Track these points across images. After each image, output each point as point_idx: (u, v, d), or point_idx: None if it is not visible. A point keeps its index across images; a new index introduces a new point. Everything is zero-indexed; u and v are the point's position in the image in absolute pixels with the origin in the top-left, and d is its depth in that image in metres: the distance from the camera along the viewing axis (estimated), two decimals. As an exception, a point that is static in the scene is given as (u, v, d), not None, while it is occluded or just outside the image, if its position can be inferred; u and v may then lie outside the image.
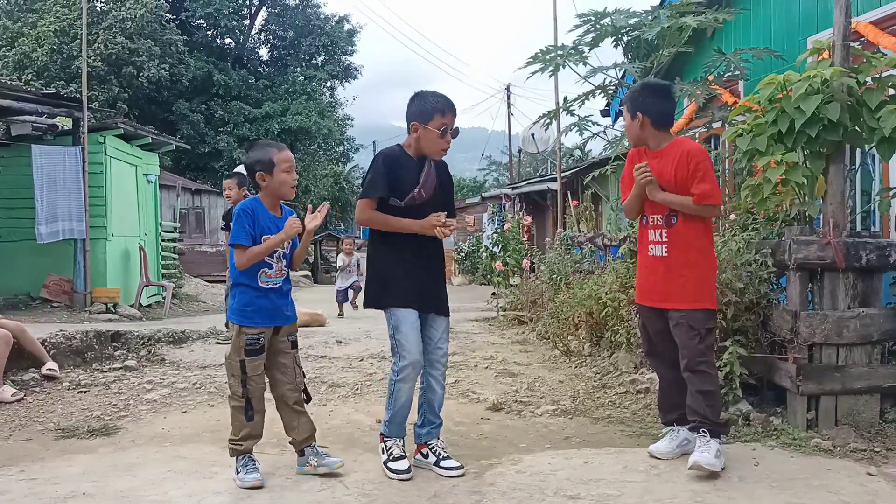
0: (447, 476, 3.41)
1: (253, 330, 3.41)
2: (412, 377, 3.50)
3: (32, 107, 9.50)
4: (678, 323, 3.55)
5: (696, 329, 3.50)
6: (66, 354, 6.11)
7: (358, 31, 32.67)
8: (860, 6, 5.48)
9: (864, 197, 5.46)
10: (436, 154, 3.59)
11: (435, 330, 3.61)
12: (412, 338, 3.48)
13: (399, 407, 3.54)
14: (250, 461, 3.41)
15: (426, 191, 3.54)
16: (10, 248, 10.50)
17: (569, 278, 7.82)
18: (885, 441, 3.75)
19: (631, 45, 6.40)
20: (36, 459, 3.81)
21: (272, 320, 3.47)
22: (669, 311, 3.58)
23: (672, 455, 3.62)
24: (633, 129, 3.71)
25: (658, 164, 3.62)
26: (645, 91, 3.74)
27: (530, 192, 19.54)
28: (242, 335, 3.41)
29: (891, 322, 3.96)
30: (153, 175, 13.14)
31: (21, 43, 22.86)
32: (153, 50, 24.10)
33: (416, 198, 3.52)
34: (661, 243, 3.62)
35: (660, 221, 3.64)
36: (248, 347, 3.40)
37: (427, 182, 3.55)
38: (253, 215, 3.44)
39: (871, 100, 3.85)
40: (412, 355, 3.46)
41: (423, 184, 3.54)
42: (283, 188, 3.48)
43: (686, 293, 3.52)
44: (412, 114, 3.56)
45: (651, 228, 3.68)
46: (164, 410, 4.85)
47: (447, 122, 3.52)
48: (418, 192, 3.52)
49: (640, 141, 3.73)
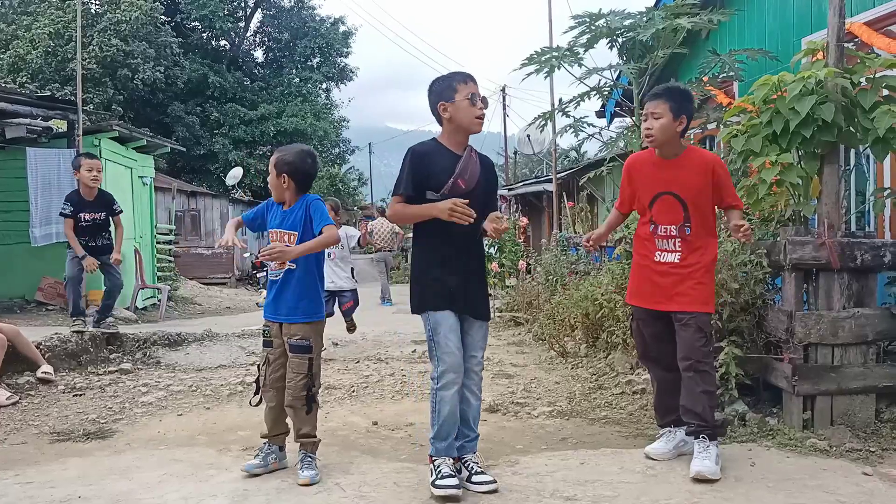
0: (477, 491, 3.20)
1: (264, 322, 3.61)
2: (454, 383, 3.23)
3: (27, 109, 9.47)
4: (686, 324, 3.52)
5: (704, 331, 3.51)
6: (62, 358, 6.08)
7: (353, 32, 32.68)
8: (854, 7, 5.50)
9: (859, 197, 5.48)
10: (474, 125, 3.35)
11: (470, 336, 3.36)
12: (452, 340, 3.24)
13: (444, 419, 3.23)
14: (260, 450, 3.56)
15: (464, 181, 3.30)
16: (4, 251, 10.46)
17: (565, 279, 7.83)
18: (881, 441, 3.76)
19: (626, 47, 6.41)
20: (31, 463, 3.80)
21: (273, 314, 3.56)
22: (676, 313, 3.55)
23: (669, 456, 3.62)
24: (670, 130, 3.56)
25: (676, 174, 3.58)
26: (688, 96, 3.68)
27: (526, 194, 19.56)
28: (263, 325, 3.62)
29: (886, 322, 3.97)
30: (148, 177, 13.11)
31: (15, 45, 22.81)
32: (148, 52, 24.05)
33: (453, 189, 3.27)
34: (674, 251, 3.59)
35: (674, 232, 3.59)
36: (262, 337, 3.61)
37: (465, 172, 3.32)
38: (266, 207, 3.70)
39: (865, 100, 3.87)
40: (453, 358, 3.23)
41: (460, 173, 3.30)
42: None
43: (697, 296, 3.52)
44: (434, 98, 3.36)
45: (661, 238, 3.63)
46: (159, 413, 4.83)
47: (472, 89, 3.32)
48: (454, 183, 3.28)
49: (663, 143, 3.59)
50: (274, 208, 3.66)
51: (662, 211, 3.61)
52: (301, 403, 3.46)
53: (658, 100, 3.60)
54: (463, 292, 3.32)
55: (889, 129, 3.77)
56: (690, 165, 3.57)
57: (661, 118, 3.56)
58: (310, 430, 3.51)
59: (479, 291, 3.43)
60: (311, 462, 3.46)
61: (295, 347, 3.48)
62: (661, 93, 3.65)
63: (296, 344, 3.48)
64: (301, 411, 3.47)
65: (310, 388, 3.48)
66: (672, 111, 3.54)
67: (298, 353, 3.47)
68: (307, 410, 3.48)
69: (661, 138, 3.59)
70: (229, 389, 5.46)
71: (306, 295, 3.52)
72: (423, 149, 3.39)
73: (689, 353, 3.52)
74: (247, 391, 5.42)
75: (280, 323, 3.53)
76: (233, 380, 5.78)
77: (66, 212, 6.63)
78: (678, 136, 3.61)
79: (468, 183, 3.32)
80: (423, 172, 3.32)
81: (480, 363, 3.42)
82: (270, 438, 3.57)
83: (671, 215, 3.58)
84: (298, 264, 3.51)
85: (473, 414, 3.41)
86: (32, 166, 9.77)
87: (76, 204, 6.65)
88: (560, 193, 12.34)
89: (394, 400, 5.09)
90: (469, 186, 3.32)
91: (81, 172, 6.64)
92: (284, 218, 3.57)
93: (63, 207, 6.67)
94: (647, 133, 3.63)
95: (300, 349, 3.47)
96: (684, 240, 3.57)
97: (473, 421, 3.42)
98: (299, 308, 3.50)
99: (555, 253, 9.00)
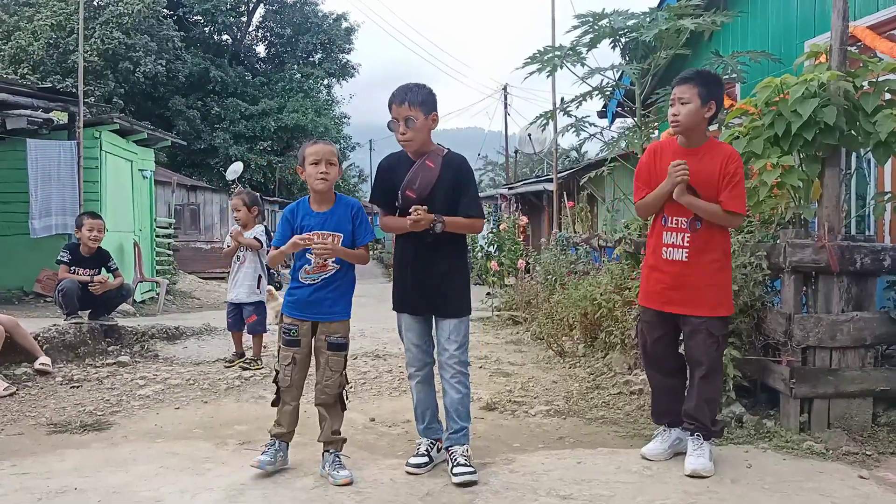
0: (453, 483, 3.28)
1: (287, 320, 3.52)
2: (414, 376, 3.60)
3: (28, 101, 9.47)
4: (696, 329, 3.45)
5: (715, 336, 3.44)
6: (59, 349, 6.09)
7: (356, 29, 32.70)
8: (858, 10, 5.49)
9: (860, 201, 5.48)
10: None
11: (440, 331, 3.52)
12: (408, 339, 3.60)
13: (415, 405, 3.63)
14: (270, 447, 3.47)
15: (413, 191, 3.41)
16: (3, 243, 10.46)
17: (564, 279, 7.83)
18: (878, 445, 3.76)
19: (629, 47, 6.41)
20: (28, 454, 3.80)
21: (305, 313, 3.49)
22: (687, 318, 3.48)
23: (664, 456, 3.61)
24: (697, 116, 3.41)
25: (696, 163, 3.41)
26: (719, 82, 3.50)
27: (526, 193, 19.55)
28: (283, 323, 3.55)
29: (884, 326, 3.97)
30: (149, 171, 13.12)
31: (17, 37, 22.79)
32: (150, 45, 24.06)
33: (404, 199, 3.43)
34: (682, 247, 3.47)
35: (683, 225, 3.47)
36: (283, 336, 3.53)
37: (412, 182, 3.42)
38: (291, 215, 3.56)
39: (867, 104, 3.86)
40: (410, 354, 3.61)
41: (407, 184, 3.42)
42: (310, 181, 3.47)
43: (707, 300, 3.43)
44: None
45: (670, 231, 3.51)
46: (156, 406, 4.83)
47: (392, 115, 3.43)
48: (403, 193, 3.43)
49: (689, 129, 3.45)
50: (302, 214, 3.54)
51: (674, 202, 3.47)
52: (335, 400, 3.51)
53: (687, 84, 3.44)
54: (424, 293, 3.48)
55: (891, 133, 3.77)
56: (709, 158, 3.43)
57: (689, 103, 3.42)
58: (339, 427, 3.53)
59: (445, 291, 3.48)
60: (342, 462, 3.44)
61: (334, 345, 3.50)
62: (691, 76, 3.48)
63: (336, 342, 3.51)
64: (336, 408, 3.51)
65: (345, 385, 3.54)
66: (700, 96, 3.40)
67: (337, 350, 3.51)
68: (342, 407, 3.54)
69: (688, 124, 3.44)
70: (227, 384, 5.46)
71: (348, 292, 3.58)
72: (387, 162, 3.61)
73: (699, 358, 3.47)
74: (244, 386, 5.43)
75: (313, 322, 3.50)
76: (230, 374, 5.78)
77: (64, 259, 6.66)
78: (705, 124, 3.47)
79: (419, 191, 3.41)
80: (385, 185, 3.54)
81: (454, 356, 3.48)
82: (282, 436, 3.52)
83: (683, 208, 3.45)
84: (342, 263, 3.52)
85: (455, 406, 3.48)
86: (33, 158, 9.77)
87: (73, 256, 6.69)
88: (560, 193, 12.33)
89: (391, 397, 5.09)
90: (421, 194, 3.41)
91: (83, 231, 6.69)
92: (325, 220, 3.50)
93: (61, 255, 6.70)
94: (673, 119, 3.48)
95: (339, 347, 3.52)
96: (693, 234, 3.45)
97: (457, 413, 3.48)
98: (340, 306, 3.53)
99: (554, 252, 9.00)
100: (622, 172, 7.22)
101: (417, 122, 3.39)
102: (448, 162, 3.48)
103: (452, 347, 3.48)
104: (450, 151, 3.56)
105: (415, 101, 3.39)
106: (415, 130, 3.40)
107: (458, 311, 3.51)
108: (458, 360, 3.49)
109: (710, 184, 3.41)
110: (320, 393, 3.49)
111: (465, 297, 3.56)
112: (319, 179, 3.43)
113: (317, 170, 3.42)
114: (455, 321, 3.50)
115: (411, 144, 3.44)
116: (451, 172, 3.47)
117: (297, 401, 3.54)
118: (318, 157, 3.43)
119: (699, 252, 3.46)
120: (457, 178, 3.47)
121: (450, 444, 3.48)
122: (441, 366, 3.52)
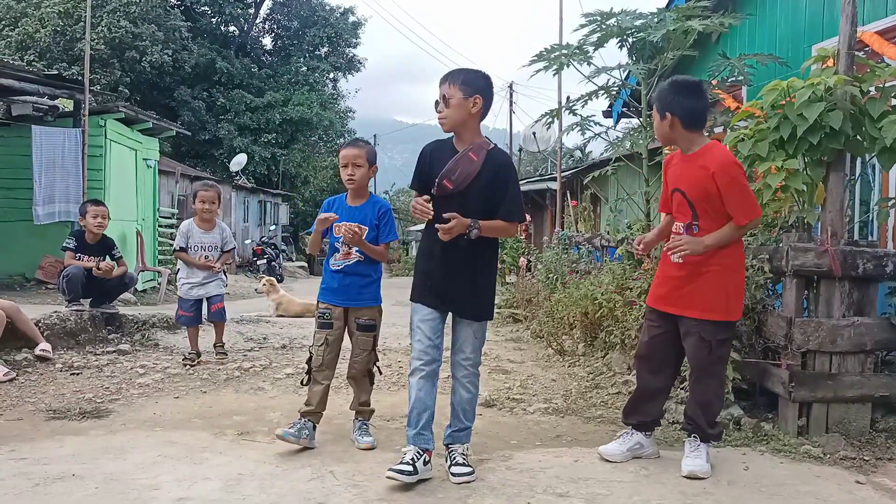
0: (453, 482, 3.25)
1: (322, 305, 3.88)
2: (419, 371, 3.34)
3: (34, 87, 9.48)
4: (689, 332, 3.48)
5: (707, 340, 3.43)
6: (60, 336, 6.10)
7: (363, 23, 32.68)
8: (866, 16, 5.49)
9: (863, 206, 5.47)
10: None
11: (459, 332, 3.43)
12: (421, 330, 3.36)
13: (412, 405, 3.34)
14: (294, 425, 3.71)
15: (450, 181, 3.29)
16: (6, 229, 10.48)
17: (565, 278, 7.83)
18: (875, 450, 3.77)
19: (636, 47, 6.38)
20: (26, 440, 3.81)
21: (336, 299, 3.85)
22: (682, 319, 3.50)
23: (620, 458, 3.59)
24: (662, 130, 3.51)
25: (687, 170, 3.47)
26: (674, 89, 3.47)
27: (529, 191, 19.53)
28: (318, 308, 3.90)
29: (885, 332, 3.97)
30: (153, 160, 13.13)
31: (24, 23, 22.81)
32: (157, 35, 24.05)
33: (440, 188, 3.31)
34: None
35: (681, 230, 3.53)
36: (318, 319, 3.89)
37: (452, 171, 3.30)
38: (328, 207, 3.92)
39: (873, 109, 3.86)
40: (420, 345, 3.36)
41: (446, 173, 3.30)
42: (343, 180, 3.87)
43: (700, 302, 3.43)
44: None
45: (673, 234, 3.59)
46: (156, 395, 4.84)
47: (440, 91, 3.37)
48: (440, 182, 3.31)
49: (669, 142, 3.58)
50: (337, 206, 3.90)
51: (676, 208, 3.57)
52: (364, 375, 3.92)
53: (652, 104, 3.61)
54: (445, 289, 3.38)
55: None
56: (700, 163, 3.44)
57: (655, 121, 3.56)
58: (367, 399, 3.95)
59: (465, 291, 3.38)
60: (368, 429, 3.86)
61: (363, 327, 3.88)
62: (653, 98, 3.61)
63: (364, 324, 3.88)
64: (364, 381, 3.93)
65: (373, 361, 3.94)
66: (658, 111, 3.51)
67: (366, 331, 3.89)
68: (370, 381, 3.97)
69: (660, 139, 3.65)
70: (226, 374, 5.47)
71: (375, 282, 3.94)
72: (430, 147, 3.51)
73: (693, 361, 3.51)
74: (243, 377, 5.44)
75: (344, 308, 3.86)
76: (230, 364, 5.79)
77: (70, 246, 6.64)
78: (679, 133, 3.46)
79: (456, 183, 3.30)
80: (424, 170, 3.46)
81: (469, 358, 3.43)
82: (310, 415, 3.77)
83: (681, 213, 3.53)
84: (365, 256, 3.85)
85: (462, 405, 3.47)
86: (37, 144, 9.78)
87: (79, 243, 6.69)
88: (563, 192, 12.32)
89: (390, 391, 5.09)
90: (458, 186, 3.30)
91: (87, 219, 6.67)
92: (352, 214, 3.86)
93: (67, 242, 6.68)
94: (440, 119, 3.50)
95: (368, 328, 3.89)
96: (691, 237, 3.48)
97: (463, 413, 3.48)
98: (368, 293, 3.90)
99: (556, 251, 9.00)
100: (626, 173, 7.21)
101: (453, 100, 3.30)
102: (492, 157, 3.37)
103: (469, 349, 3.43)
104: (496, 147, 3.43)
105: (456, 80, 3.31)
106: (450, 108, 3.31)
107: (482, 315, 3.44)
108: (472, 363, 3.45)
109: (699, 187, 3.42)
110: (351, 367, 3.92)
111: (490, 300, 3.49)
112: (347, 180, 3.84)
113: (345, 172, 3.84)
114: (477, 324, 3.44)
115: (445, 123, 3.35)
116: (493, 168, 3.35)
117: (328, 381, 3.87)
118: (346, 161, 3.82)
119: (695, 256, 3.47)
120: (497, 176, 3.35)
121: (450, 442, 3.46)
122: (454, 365, 3.44)
